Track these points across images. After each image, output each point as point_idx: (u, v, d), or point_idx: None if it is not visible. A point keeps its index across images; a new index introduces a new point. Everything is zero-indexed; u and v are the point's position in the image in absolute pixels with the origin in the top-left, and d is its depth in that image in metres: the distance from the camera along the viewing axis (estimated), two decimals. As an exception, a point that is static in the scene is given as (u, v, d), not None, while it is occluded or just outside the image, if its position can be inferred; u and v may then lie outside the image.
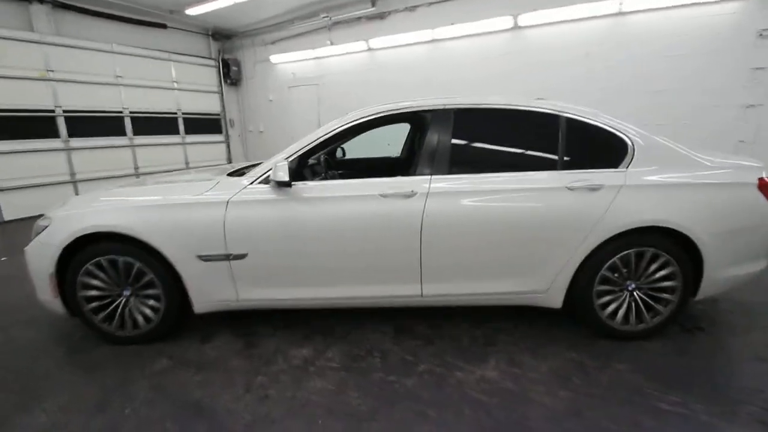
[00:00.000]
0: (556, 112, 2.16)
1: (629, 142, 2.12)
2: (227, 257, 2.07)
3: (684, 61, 4.43)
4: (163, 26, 7.24)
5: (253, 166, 2.55)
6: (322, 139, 2.18)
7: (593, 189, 2.02)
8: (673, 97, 4.54)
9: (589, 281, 2.10)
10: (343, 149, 4.02)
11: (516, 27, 5.23)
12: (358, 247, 2.08)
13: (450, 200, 2.05)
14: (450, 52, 5.86)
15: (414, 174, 2.13)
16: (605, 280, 2.11)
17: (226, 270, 2.10)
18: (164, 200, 2.10)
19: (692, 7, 4.21)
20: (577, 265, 2.07)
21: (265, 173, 2.12)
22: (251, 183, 2.12)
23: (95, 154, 6.52)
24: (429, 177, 2.10)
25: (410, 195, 2.05)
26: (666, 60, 4.52)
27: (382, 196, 2.06)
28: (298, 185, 2.10)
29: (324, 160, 2.71)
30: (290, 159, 2.10)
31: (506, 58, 5.45)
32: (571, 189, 2.03)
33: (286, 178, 1.95)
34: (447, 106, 2.18)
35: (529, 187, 2.04)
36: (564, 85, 5.10)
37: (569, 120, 2.14)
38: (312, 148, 2.18)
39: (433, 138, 2.15)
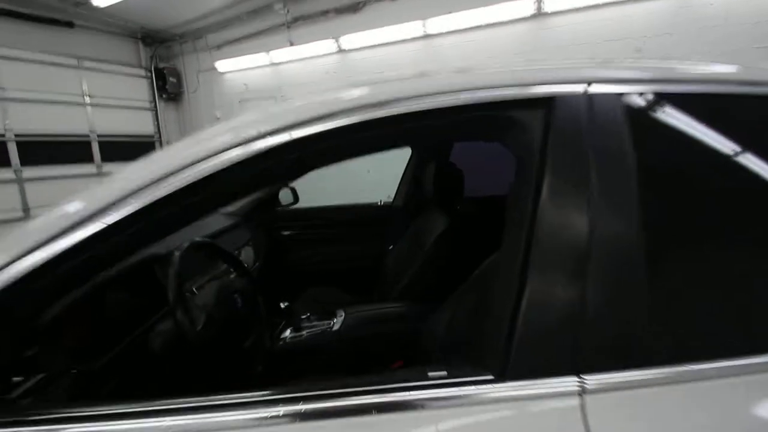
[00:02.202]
0: None
1: None
2: None
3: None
4: (69, 24, 5.53)
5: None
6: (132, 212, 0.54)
7: None
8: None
9: None
10: (293, 191, 2.39)
11: (539, 14, 3.84)
12: None
13: None
14: (449, 51, 4.42)
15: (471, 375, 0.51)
16: None
17: None
18: None
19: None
20: None
21: None
22: None
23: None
24: (578, 393, 0.47)
25: None
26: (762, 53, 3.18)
27: None
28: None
29: (208, 252, 1.07)
30: None
31: (525, 56, 4.03)
32: None
33: None
34: (609, 87, 0.59)
35: None
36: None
37: None
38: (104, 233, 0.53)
39: (553, 216, 0.54)
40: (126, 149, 6.27)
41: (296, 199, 2.40)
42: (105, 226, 0.56)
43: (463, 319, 0.96)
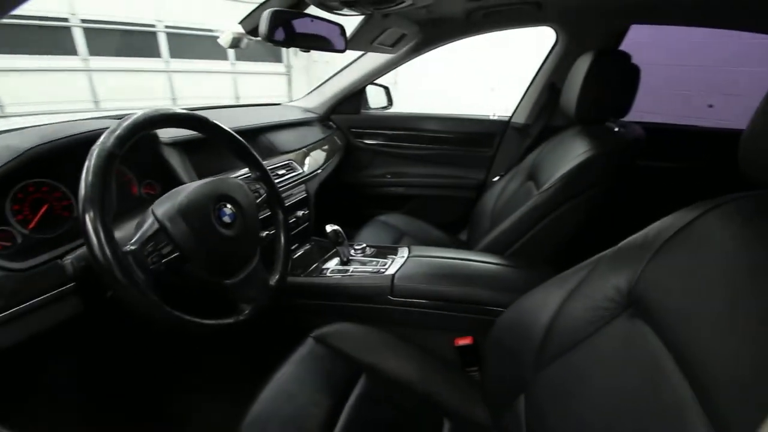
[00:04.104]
0: None
1: None
2: None
3: None
4: None
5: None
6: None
7: None
8: None
9: None
10: (387, 91, 1.94)
11: None
12: None
13: None
14: None
15: None
16: None
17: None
18: None
19: None
20: None
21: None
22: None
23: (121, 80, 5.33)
24: None
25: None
26: None
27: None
28: None
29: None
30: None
31: None
32: None
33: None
34: None
35: None
36: None
37: None
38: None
39: None
40: (253, 48, 6.39)
41: (390, 102, 1.95)
42: None
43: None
